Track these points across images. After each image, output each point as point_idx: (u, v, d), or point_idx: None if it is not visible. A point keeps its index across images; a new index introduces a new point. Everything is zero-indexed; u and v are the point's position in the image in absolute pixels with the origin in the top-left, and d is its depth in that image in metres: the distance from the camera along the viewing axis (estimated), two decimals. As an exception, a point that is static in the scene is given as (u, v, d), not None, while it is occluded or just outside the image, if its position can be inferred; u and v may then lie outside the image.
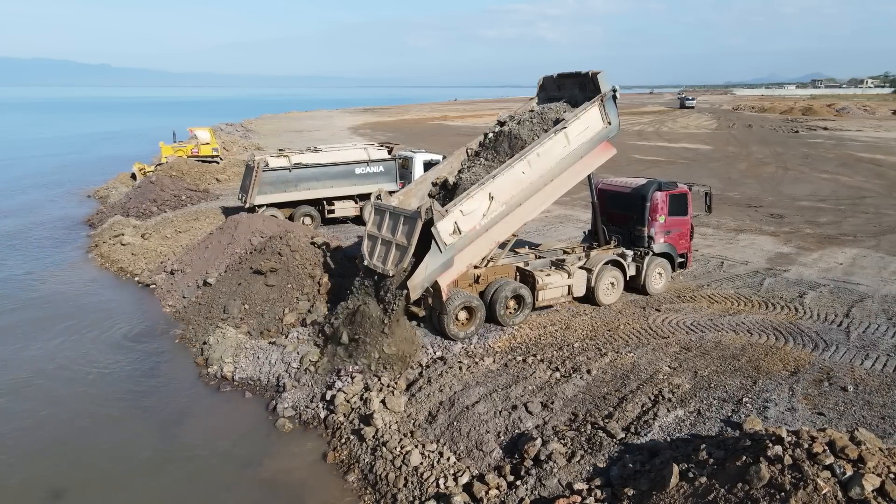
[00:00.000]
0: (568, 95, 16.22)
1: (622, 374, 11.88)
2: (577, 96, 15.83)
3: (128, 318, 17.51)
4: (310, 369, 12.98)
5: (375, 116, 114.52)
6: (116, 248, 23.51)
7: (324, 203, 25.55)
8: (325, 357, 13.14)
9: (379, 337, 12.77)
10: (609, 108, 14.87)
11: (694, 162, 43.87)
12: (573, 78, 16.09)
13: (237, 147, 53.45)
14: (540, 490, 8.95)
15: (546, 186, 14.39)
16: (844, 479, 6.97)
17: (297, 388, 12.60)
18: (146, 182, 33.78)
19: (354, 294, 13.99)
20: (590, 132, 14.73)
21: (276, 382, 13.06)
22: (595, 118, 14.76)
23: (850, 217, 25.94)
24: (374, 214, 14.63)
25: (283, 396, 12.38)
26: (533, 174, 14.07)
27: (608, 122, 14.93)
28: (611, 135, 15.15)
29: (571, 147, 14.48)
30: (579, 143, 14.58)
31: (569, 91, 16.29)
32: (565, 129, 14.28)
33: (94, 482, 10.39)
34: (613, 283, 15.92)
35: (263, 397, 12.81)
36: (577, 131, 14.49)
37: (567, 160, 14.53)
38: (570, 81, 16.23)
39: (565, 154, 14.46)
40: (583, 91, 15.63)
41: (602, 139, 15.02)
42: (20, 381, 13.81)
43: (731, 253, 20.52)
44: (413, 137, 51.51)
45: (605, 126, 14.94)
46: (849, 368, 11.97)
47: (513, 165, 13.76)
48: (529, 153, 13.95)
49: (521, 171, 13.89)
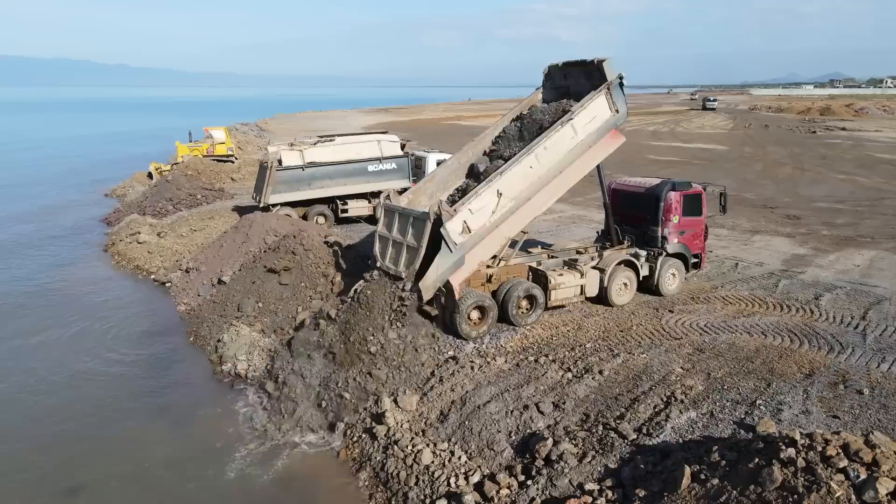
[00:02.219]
0: (574, 84, 16.05)
1: (634, 375, 11.83)
2: (583, 84, 15.61)
3: (143, 316, 17.74)
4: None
5: (390, 116, 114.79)
6: (133, 246, 23.80)
7: (337, 202, 25.66)
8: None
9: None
10: (616, 96, 14.66)
11: (709, 163, 43.52)
12: (579, 66, 15.85)
13: (252, 147, 53.84)
14: (551, 490, 8.95)
15: (555, 179, 14.26)
16: (858, 482, 6.91)
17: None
18: (162, 181, 34.18)
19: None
20: (597, 121, 14.55)
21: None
22: (602, 107, 14.57)
23: (868, 218, 25.61)
24: (384, 215, 14.68)
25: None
26: (541, 168, 13.96)
27: (616, 109, 14.72)
28: (619, 123, 14.95)
29: (579, 138, 14.34)
30: (587, 133, 14.43)
31: (575, 79, 16.08)
32: (572, 121, 14.13)
33: (110, 478, 10.54)
34: (626, 284, 15.84)
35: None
36: (584, 121, 14.33)
37: (575, 151, 14.39)
38: (576, 70, 16.00)
39: (573, 145, 14.32)
40: (589, 79, 15.40)
41: (610, 128, 14.82)
42: (37, 379, 14.05)
43: (746, 254, 20.35)
44: (427, 137, 51.60)
45: (613, 114, 14.73)
46: (865, 371, 11.82)
47: (520, 160, 13.67)
48: (536, 147, 13.85)
49: (529, 166, 13.79)
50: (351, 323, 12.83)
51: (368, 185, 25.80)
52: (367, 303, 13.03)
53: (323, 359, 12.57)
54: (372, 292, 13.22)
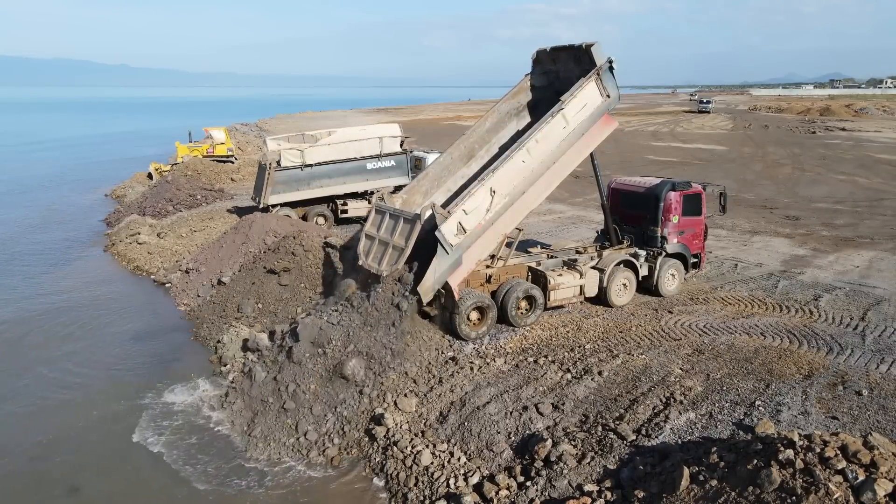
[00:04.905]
0: (563, 68, 15.95)
1: (634, 376, 11.84)
2: (572, 69, 15.52)
3: (143, 317, 17.74)
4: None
5: (390, 116, 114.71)
6: (133, 246, 23.81)
7: (337, 203, 25.65)
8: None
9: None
10: (606, 81, 14.54)
11: (709, 163, 43.53)
12: (567, 51, 15.73)
13: (252, 147, 53.85)
14: (550, 491, 8.96)
15: (549, 170, 14.17)
16: (857, 483, 6.92)
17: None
18: (162, 181, 34.19)
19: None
20: (589, 108, 14.43)
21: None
22: (593, 93, 14.44)
23: (868, 219, 25.63)
24: (375, 215, 14.67)
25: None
26: (533, 161, 13.87)
27: (607, 94, 14.60)
28: (611, 107, 14.85)
29: (571, 127, 14.22)
30: (579, 121, 14.32)
31: (563, 64, 15.98)
32: (562, 110, 14.01)
33: (107, 479, 10.54)
34: (626, 284, 15.85)
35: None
36: (575, 110, 14.19)
37: (568, 140, 14.28)
38: (565, 54, 15.87)
39: (565, 135, 14.21)
40: (578, 64, 15.30)
41: (602, 113, 14.72)
42: (36, 378, 14.04)
43: (745, 255, 20.37)
44: (427, 137, 51.56)
45: (605, 99, 14.62)
46: (864, 372, 11.84)
47: (511, 156, 13.58)
48: (528, 140, 13.73)
49: (521, 160, 13.70)
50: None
51: (368, 182, 25.78)
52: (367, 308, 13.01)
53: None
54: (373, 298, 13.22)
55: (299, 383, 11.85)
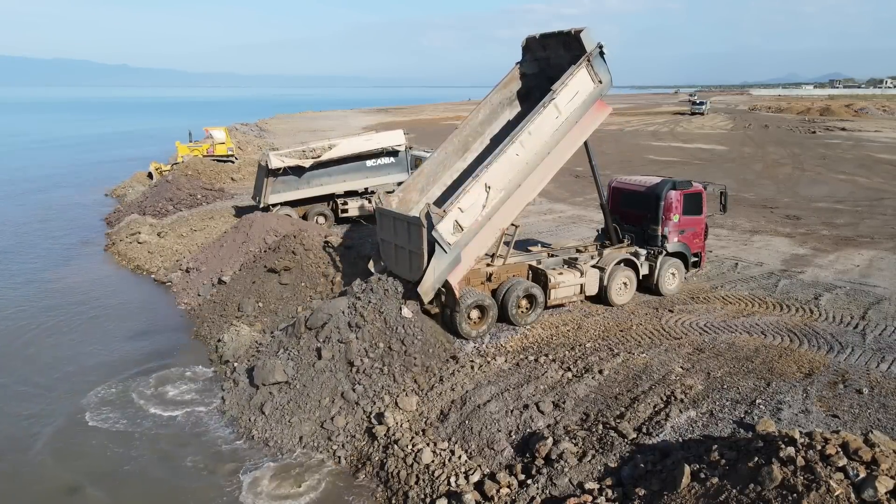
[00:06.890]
0: (553, 55, 15.80)
1: (634, 375, 11.85)
2: (562, 56, 15.37)
3: (143, 315, 17.75)
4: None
5: (390, 116, 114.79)
6: (133, 246, 23.82)
7: (337, 202, 25.64)
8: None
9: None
10: (598, 67, 14.36)
11: (709, 162, 43.53)
12: (557, 37, 15.54)
13: (252, 147, 53.85)
14: (551, 489, 8.96)
15: (544, 161, 14.06)
16: (857, 480, 6.93)
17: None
18: (162, 181, 34.19)
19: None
20: (581, 96, 14.28)
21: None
22: (584, 80, 14.27)
23: (868, 219, 25.63)
24: (380, 219, 14.72)
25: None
26: (527, 153, 13.76)
27: (599, 80, 14.43)
28: (604, 93, 14.67)
29: (564, 116, 14.09)
30: (571, 109, 14.18)
31: (553, 50, 15.81)
32: (554, 100, 13.86)
33: (106, 479, 10.54)
34: (626, 283, 15.85)
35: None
36: (567, 98, 14.03)
37: (561, 130, 14.15)
38: (555, 41, 15.68)
39: (558, 125, 14.08)
40: (568, 50, 15.13)
41: (595, 99, 14.57)
42: (35, 377, 14.06)
43: (745, 254, 20.37)
44: (427, 137, 51.52)
45: (597, 85, 14.45)
46: (864, 371, 11.84)
47: (504, 150, 13.47)
48: (520, 133, 13.62)
49: (515, 154, 13.59)
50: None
51: (367, 180, 25.73)
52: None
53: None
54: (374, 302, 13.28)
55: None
